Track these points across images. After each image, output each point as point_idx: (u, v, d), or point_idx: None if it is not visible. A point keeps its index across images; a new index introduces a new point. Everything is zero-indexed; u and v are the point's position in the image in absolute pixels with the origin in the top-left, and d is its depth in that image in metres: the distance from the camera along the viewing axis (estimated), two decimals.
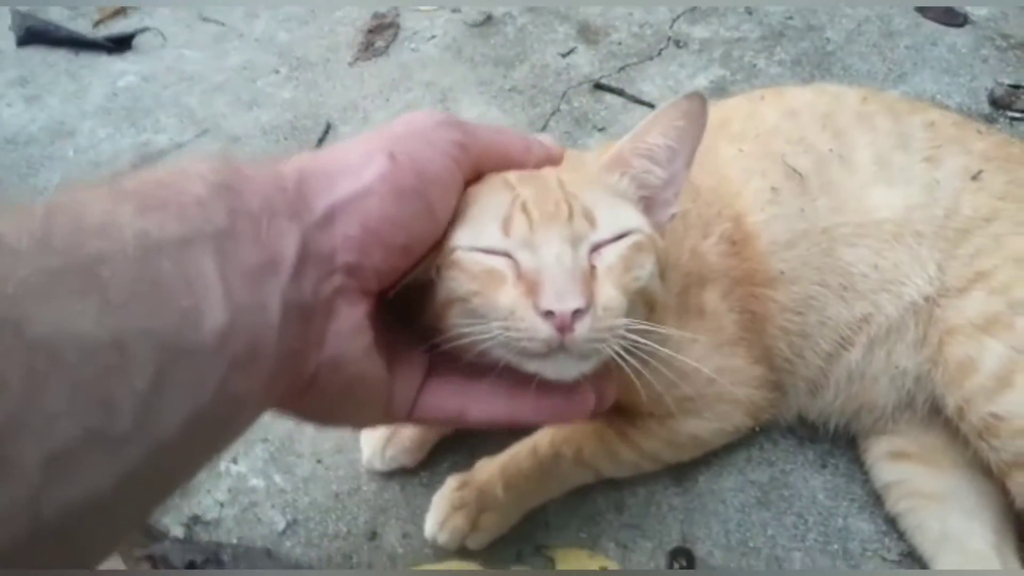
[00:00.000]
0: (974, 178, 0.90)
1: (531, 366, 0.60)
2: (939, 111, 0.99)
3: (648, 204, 0.71)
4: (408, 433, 0.95)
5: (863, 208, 0.90)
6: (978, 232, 0.88)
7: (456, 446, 0.97)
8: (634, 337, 0.61)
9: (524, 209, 0.62)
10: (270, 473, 0.96)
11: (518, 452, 0.90)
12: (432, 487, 0.92)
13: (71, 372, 0.36)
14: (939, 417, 0.88)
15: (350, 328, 0.53)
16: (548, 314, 0.57)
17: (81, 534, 0.37)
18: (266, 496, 0.95)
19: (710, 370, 0.87)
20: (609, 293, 0.60)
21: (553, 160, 0.69)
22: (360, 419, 0.64)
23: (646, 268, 0.64)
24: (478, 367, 0.62)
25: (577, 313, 0.57)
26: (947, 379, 0.84)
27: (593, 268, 0.61)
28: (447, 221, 0.60)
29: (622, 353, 0.61)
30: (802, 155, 0.92)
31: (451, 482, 0.89)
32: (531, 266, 0.60)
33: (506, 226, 0.61)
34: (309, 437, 0.99)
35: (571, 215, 0.62)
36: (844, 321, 0.89)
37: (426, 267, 0.61)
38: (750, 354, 0.90)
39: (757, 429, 0.96)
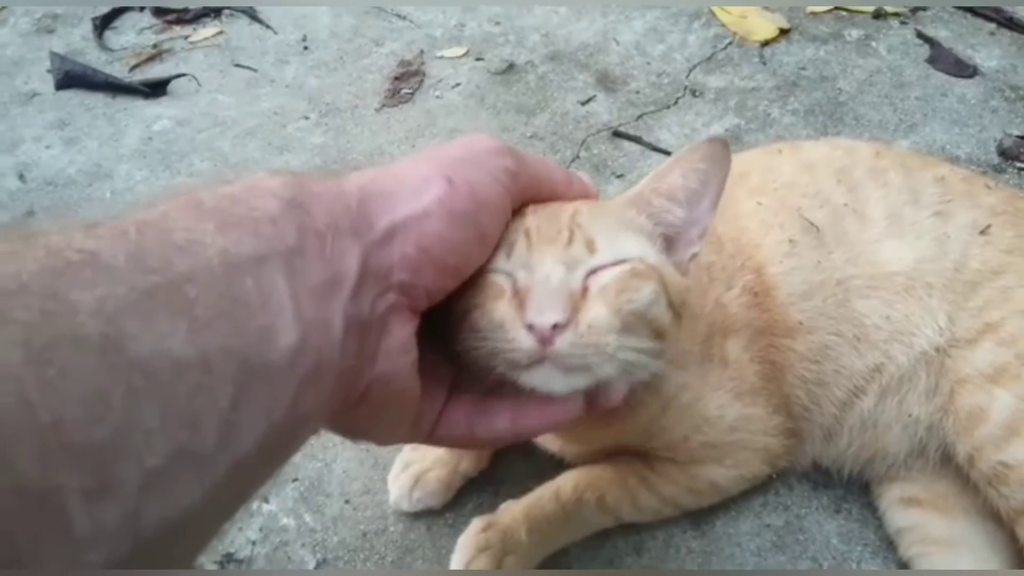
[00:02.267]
0: (983, 232, 0.93)
1: (523, 378, 0.63)
2: (949, 166, 1.02)
3: (670, 243, 0.74)
4: (435, 475, 0.98)
5: (876, 261, 0.93)
6: (987, 285, 0.91)
7: (481, 488, 1.01)
8: (629, 358, 0.64)
9: (527, 234, 0.65)
10: (300, 512, 1.00)
11: (541, 496, 0.93)
12: (457, 528, 0.94)
13: (164, 391, 0.38)
14: (950, 464, 0.91)
15: (400, 345, 0.55)
16: (530, 327, 0.60)
17: (173, 549, 0.39)
18: (296, 535, 0.98)
19: (732, 419, 0.91)
20: (597, 311, 0.62)
21: (588, 196, 0.72)
22: (390, 436, 0.65)
23: (642, 292, 0.65)
24: (492, 386, 0.65)
25: (557, 327, 0.60)
26: (957, 428, 0.87)
27: (586, 289, 0.64)
28: (494, 245, 0.63)
29: (616, 374, 0.64)
30: (818, 208, 0.96)
31: (476, 524, 0.92)
32: (524, 284, 0.63)
33: (509, 249, 0.65)
34: (338, 478, 1.02)
35: (571, 241, 0.65)
36: (857, 370, 0.92)
37: None
38: (769, 403, 0.93)
39: (774, 475, 0.99)
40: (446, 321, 0.66)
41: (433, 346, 0.60)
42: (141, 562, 0.37)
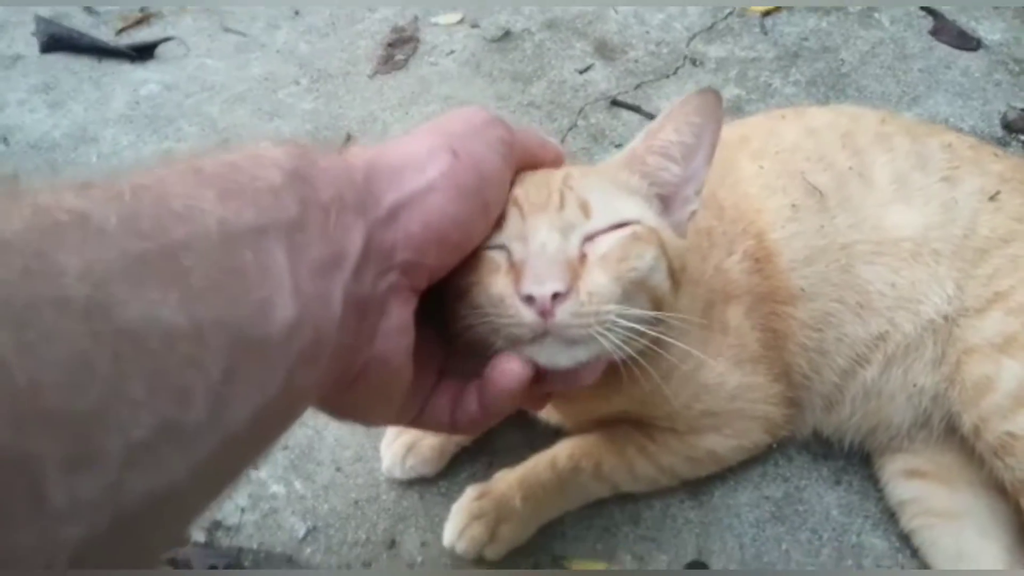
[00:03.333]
0: (992, 198, 0.91)
1: (523, 353, 0.60)
2: (955, 134, 1.00)
3: (667, 202, 0.72)
4: (428, 443, 0.96)
5: (881, 226, 0.91)
6: (996, 252, 0.89)
7: (475, 456, 0.99)
8: (630, 325, 0.61)
9: (517, 203, 0.63)
10: (291, 480, 0.97)
11: (537, 464, 0.91)
12: (451, 497, 0.93)
13: (153, 360, 0.36)
14: (955, 436, 0.89)
15: (398, 326, 0.54)
16: (529, 299, 0.58)
17: (156, 524, 0.38)
18: (286, 503, 0.96)
19: (732, 387, 0.89)
20: (597, 280, 0.61)
21: (559, 160, 0.70)
22: (377, 418, 0.64)
23: (644, 259, 0.64)
24: (474, 371, 0.63)
25: (557, 297, 0.58)
26: (964, 398, 0.85)
27: (584, 256, 0.62)
28: (495, 217, 0.61)
29: (620, 344, 0.61)
30: (822, 172, 0.93)
31: (470, 492, 0.90)
32: (519, 255, 0.61)
33: (500, 221, 0.62)
34: (329, 445, 1.00)
35: (563, 205, 0.63)
36: (860, 338, 0.90)
37: None
38: (770, 371, 0.91)
39: (773, 445, 0.97)
40: (440, 303, 0.64)
41: (425, 330, 0.58)
42: (122, 536, 0.35)
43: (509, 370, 0.60)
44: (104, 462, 0.34)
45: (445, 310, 0.64)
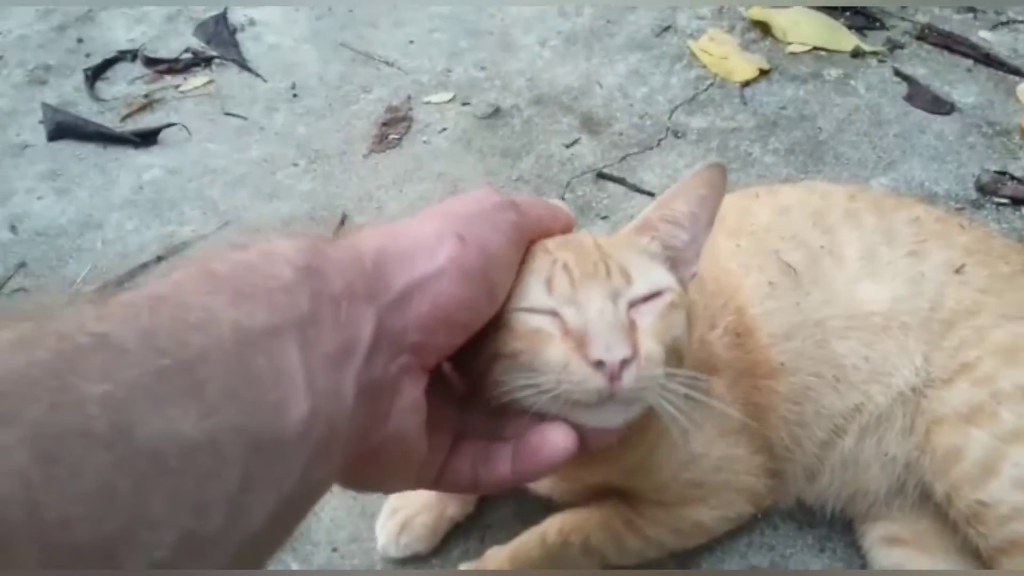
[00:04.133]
0: (957, 271, 0.95)
1: (579, 416, 0.63)
2: (923, 207, 1.04)
3: (673, 263, 0.75)
4: (422, 520, 0.99)
5: (853, 301, 0.94)
6: (962, 324, 0.92)
7: (468, 533, 1.01)
8: (673, 385, 0.65)
9: (565, 269, 0.66)
10: (287, 562, 1.00)
11: (527, 541, 0.93)
12: None
13: (172, 478, 0.38)
14: (930, 503, 0.92)
15: (411, 404, 0.55)
16: (599, 364, 0.61)
17: None
18: None
19: (716, 457, 0.92)
20: (649, 345, 0.64)
21: (570, 226, 0.73)
22: (396, 486, 0.65)
23: (680, 324, 0.68)
24: (497, 431, 0.65)
25: (624, 362, 0.61)
26: (935, 467, 0.88)
27: (633, 323, 0.65)
28: (502, 299, 0.63)
29: (662, 401, 0.65)
30: (794, 251, 0.97)
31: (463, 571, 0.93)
32: (577, 322, 0.63)
33: (548, 285, 0.65)
34: (325, 527, 1.03)
35: (609, 273, 0.66)
36: (838, 411, 0.94)
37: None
38: (752, 443, 0.94)
39: (758, 515, 1.00)
40: (467, 366, 0.67)
41: (436, 393, 0.60)
42: None
43: (555, 441, 0.62)
44: None
45: (471, 374, 0.67)
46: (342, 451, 0.49)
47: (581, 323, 0.63)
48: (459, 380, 0.69)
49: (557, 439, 0.62)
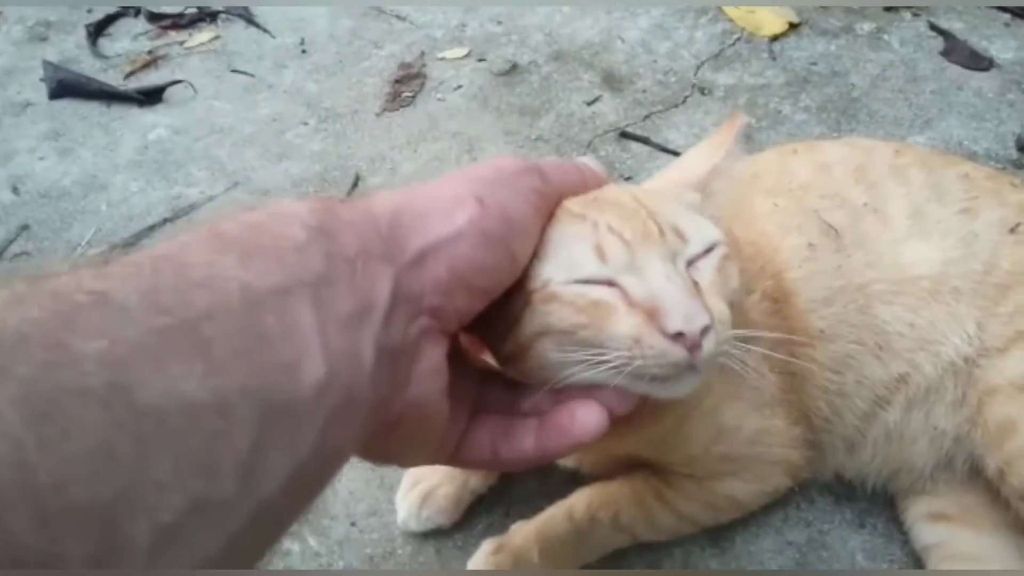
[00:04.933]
0: (1012, 231, 0.89)
1: (648, 388, 0.60)
2: (972, 164, 0.98)
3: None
4: (444, 492, 0.95)
5: (898, 264, 0.89)
6: (1018, 289, 0.86)
7: (491, 508, 0.97)
8: (745, 345, 0.62)
9: (613, 232, 0.61)
10: (304, 536, 0.96)
11: (554, 516, 0.89)
12: (467, 550, 0.91)
13: (177, 439, 0.36)
14: (979, 478, 0.87)
15: (432, 369, 0.53)
16: (677, 336, 0.57)
17: None
18: (301, 560, 0.94)
19: (751, 430, 0.87)
20: (719, 306, 0.60)
21: (600, 185, 0.69)
22: (415, 459, 0.64)
23: (735, 277, 0.64)
24: (516, 405, 0.62)
25: (704, 330, 0.57)
26: (987, 440, 0.83)
27: (695, 283, 0.61)
28: (524, 266, 0.60)
29: (740, 363, 0.62)
30: (836, 210, 0.92)
31: (486, 546, 0.89)
32: (641, 291, 0.59)
33: (600, 252, 0.60)
34: (343, 499, 0.99)
35: (662, 232, 0.61)
36: (881, 380, 0.88)
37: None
38: (789, 414, 0.89)
39: (795, 488, 0.95)
40: (494, 342, 0.64)
41: (454, 366, 0.57)
42: None
43: (584, 420, 0.59)
44: (131, 551, 0.33)
45: (497, 350, 0.64)
46: (361, 418, 0.47)
47: (647, 292, 0.59)
48: (476, 352, 0.66)
49: (587, 417, 0.59)
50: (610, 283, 0.60)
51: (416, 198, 0.55)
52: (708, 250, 0.63)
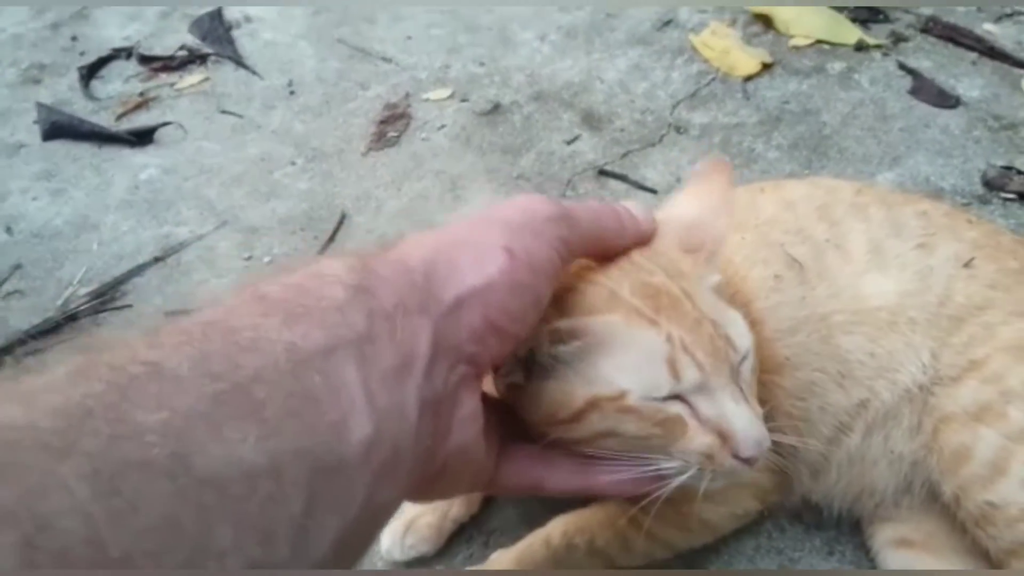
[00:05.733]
0: (966, 265, 0.93)
1: (705, 485, 0.68)
2: (930, 202, 1.02)
3: None
4: (426, 520, 0.98)
5: (858, 295, 0.93)
6: (971, 320, 0.90)
7: (472, 537, 1.00)
8: None
9: (686, 350, 0.66)
10: None
11: (532, 543, 0.92)
12: None
13: (236, 506, 0.37)
14: (937, 503, 0.90)
15: (470, 414, 0.56)
16: (748, 460, 0.66)
17: None
18: None
19: None
20: (759, 409, 0.68)
21: (644, 237, 0.73)
22: (453, 495, 0.70)
23: (756, 367, 0.72)
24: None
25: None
26: (942, 466, 0.87)
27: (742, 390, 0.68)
28: (544, 310, 0.63)
29: None
30: (800, 244, 0.96)
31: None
32: (712, 412, 0.66)
33: (673, 370, 0.65)
34: None
35: (726, 354, 0.67)
36: (843, 407, 0.92)
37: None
38: None
39: (764, 513, 0.98)
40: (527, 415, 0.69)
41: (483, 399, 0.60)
42: None
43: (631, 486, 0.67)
44: None
45: (546, 432, 0.68)
46: (407, 470, 0.48)
47: (717, 414, 0.66)
48: (502, 388, 0.70)
49: (632, 486, 0.67)
50: (679, 397, 0.66)
51: (447, 246, 0.57)
52: (746, 356, 0.70)
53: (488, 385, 0.70)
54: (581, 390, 0.65)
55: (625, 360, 0.65)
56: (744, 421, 0.65)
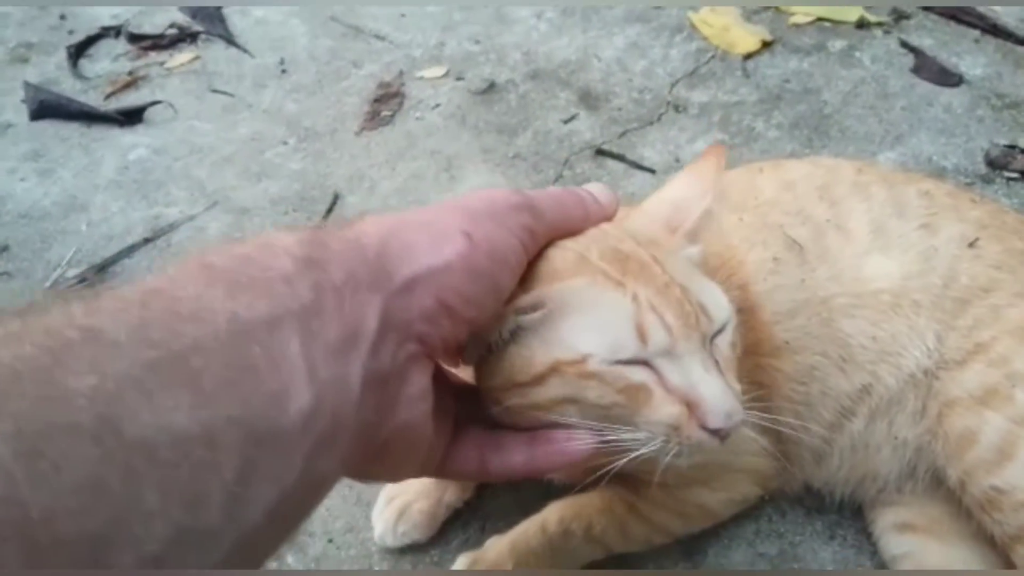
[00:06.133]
0: (971, 245, 0.91)
1: (667, 458, 0.63)
2: (933, 181, 1.01)
3: None
4: (419, 507, 0.96)
5: (860, 277, 0.91)
6: (976, 302, 0.89)
7: (467, 522, 0.98)
8: None
9: (655, 311, 0.63)
10: (282, 552, 0.97)
11: (527, 529, 0.90)
12: (443, 565, 0.93)
13: (165, 471, 0.37)
14: (943, 488, 0.89)
15: (419, 393, 0.54)
16: (717, 432, 0.62)
17: None
18: None
19: None
20: (736, 384, 0.65)
21: (608, 217, 0.71)
22: (401, 477, 0.66)
23: (739, 345, 0.69)
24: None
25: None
26: (948, 451, 0.85)
27: (716, 363, 0.64)
28: (507, 297, 0.62)
29: None
30: (800, 225, 0.94)
31: (462, 560, 0.90)
32: (680, 380, 0.62)
33: (641, 333, 0.62)
34: (320, 516, 1.00)
35: (697, 319, 0.64)
36: (845, 392, 0.90)
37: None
38: (758, 424, 0.91)
39: (765, 498, 0.97)
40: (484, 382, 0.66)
41: (437, 381, 0.59)
42: None
43: (578, 441, 0.62)
44: None
45: (501, 399, 0.65)
46: (347, 444, 0.48)
47: (686, 382, 0.62)
48: (452, 365, 0.68)
49: (581, 437, 0.62)
50: (646, 363, 0.62)
51: (404, 227, 0.56)
52: (724, 328, 0.67)
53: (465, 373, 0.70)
54: (541, 354, 0.62)
55: (589, 322, 0.63)
56: (714, 389, 0.62)
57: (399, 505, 0.97)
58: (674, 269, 0.66)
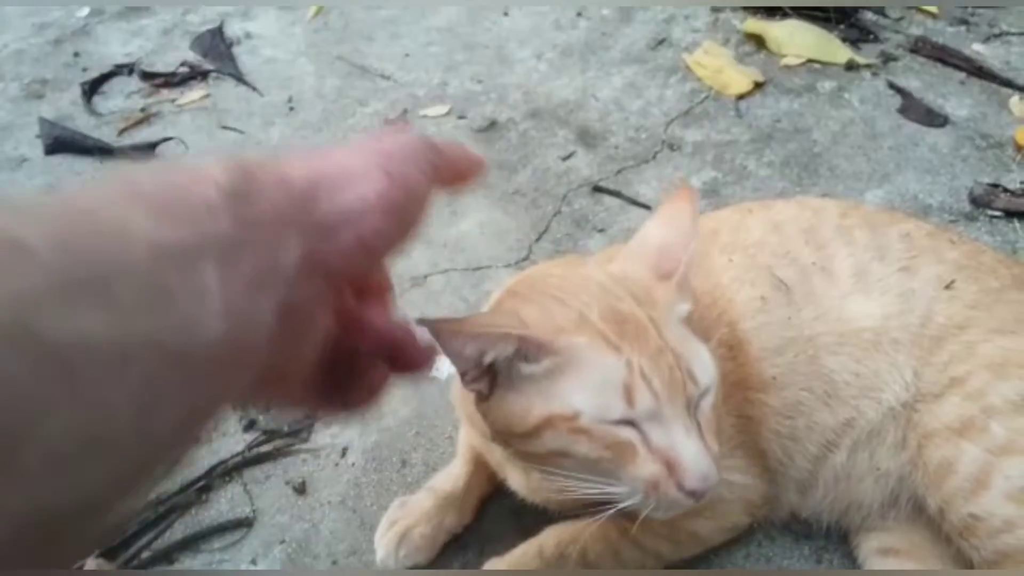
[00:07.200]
0: (947, 287, 0.96)
1: (643, 511, 0.70)
2: (914, 222, 1.05)
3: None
4: (420, 531, 1.00)
5: (843, 317, 0.95)
6: (952, 340, 0.93)
7: (466, 546, 1.02)
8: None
9: (644, 377, 0.68)
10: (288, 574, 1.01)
11: (525, 553, 0.94)
12: None
13: (77, 378, 0.38)
14: (923, 515, 0.93)
15: (324, 329, 0.56)
16: (693, 493, 0.67)
17: (67, 535, 0.39)
18: None
19: None
20: (715, 445, 0.69)
21: (480, 166, 0.75)
22: (287, 402, 0.65)
23: (719, 403, 0.74)
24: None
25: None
26: (927, 481, 0.89)
27: (698, 424, 0.70)
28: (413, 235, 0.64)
29: None
30: (787, 267, 0.98)
31: None
32: (663, 442, 0.68)
33: (628, 395, 0.67)
34: (324, 539, 1.04)
35: (684, 384, 0.69)
36: (829, 426, 0.95)
37: None
38: (746, 455, 0.95)
39: (755, 524, 1.01)
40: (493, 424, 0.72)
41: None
42: (29, 544, 0.37)
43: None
44: (19, 476, 0.35)
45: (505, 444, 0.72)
46: (253, 374, 0.49)
47: (668, 443, 0.68)
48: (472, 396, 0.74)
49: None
50: (632, 423, 0.68)
51: (328, 166, 0.57)
52: (707, 391, 0.72)
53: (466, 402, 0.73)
54: (538, 407, 0.68)
55: (584, 382, 0.68)
56: (692, 453, 0.67)
57: (400, 529, 1.00)
58: (668, 333, 0.72)
